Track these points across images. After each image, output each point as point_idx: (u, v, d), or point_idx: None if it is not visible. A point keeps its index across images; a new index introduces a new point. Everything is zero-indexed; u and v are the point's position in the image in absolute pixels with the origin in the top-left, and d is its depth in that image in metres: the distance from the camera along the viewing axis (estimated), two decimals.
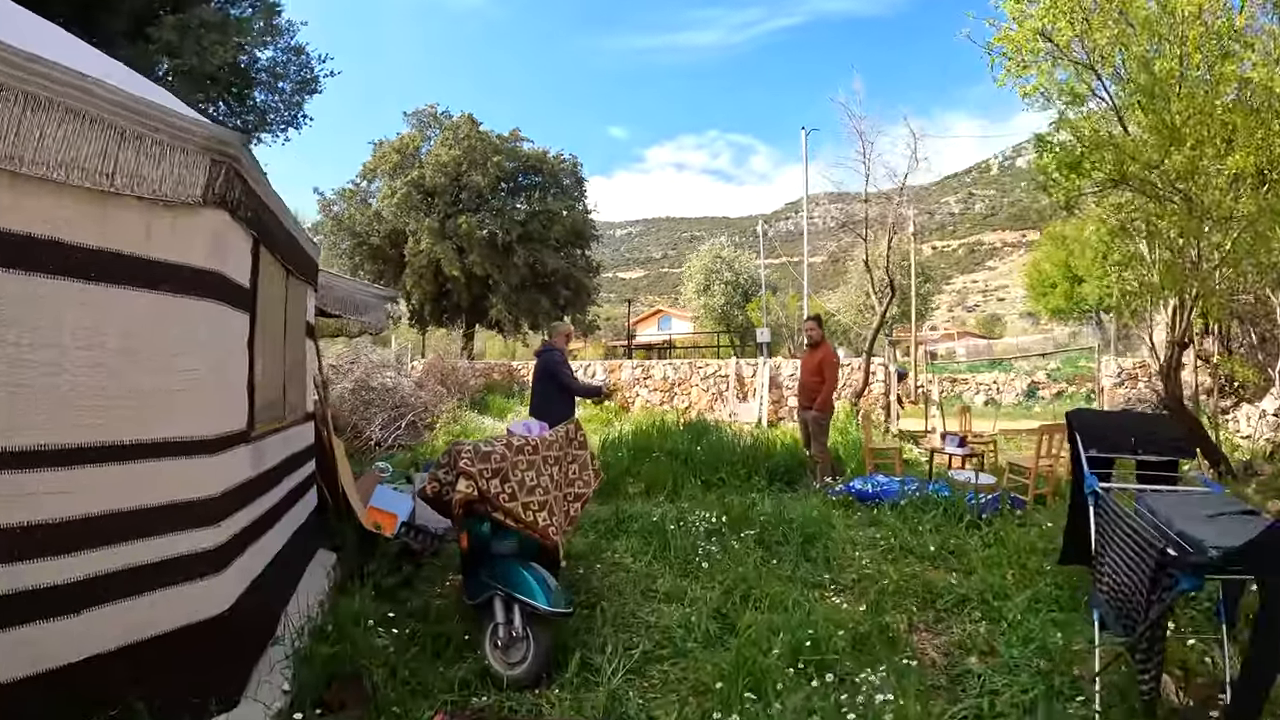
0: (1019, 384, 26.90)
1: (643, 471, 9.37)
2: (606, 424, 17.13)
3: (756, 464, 9.54)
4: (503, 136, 33.44)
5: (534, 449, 4.81)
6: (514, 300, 32.17)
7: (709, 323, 44.87)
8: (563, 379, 8.08)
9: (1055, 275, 53.64)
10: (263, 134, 15.82)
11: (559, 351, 8.31)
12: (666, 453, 9.73)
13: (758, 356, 26.15)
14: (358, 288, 8.62)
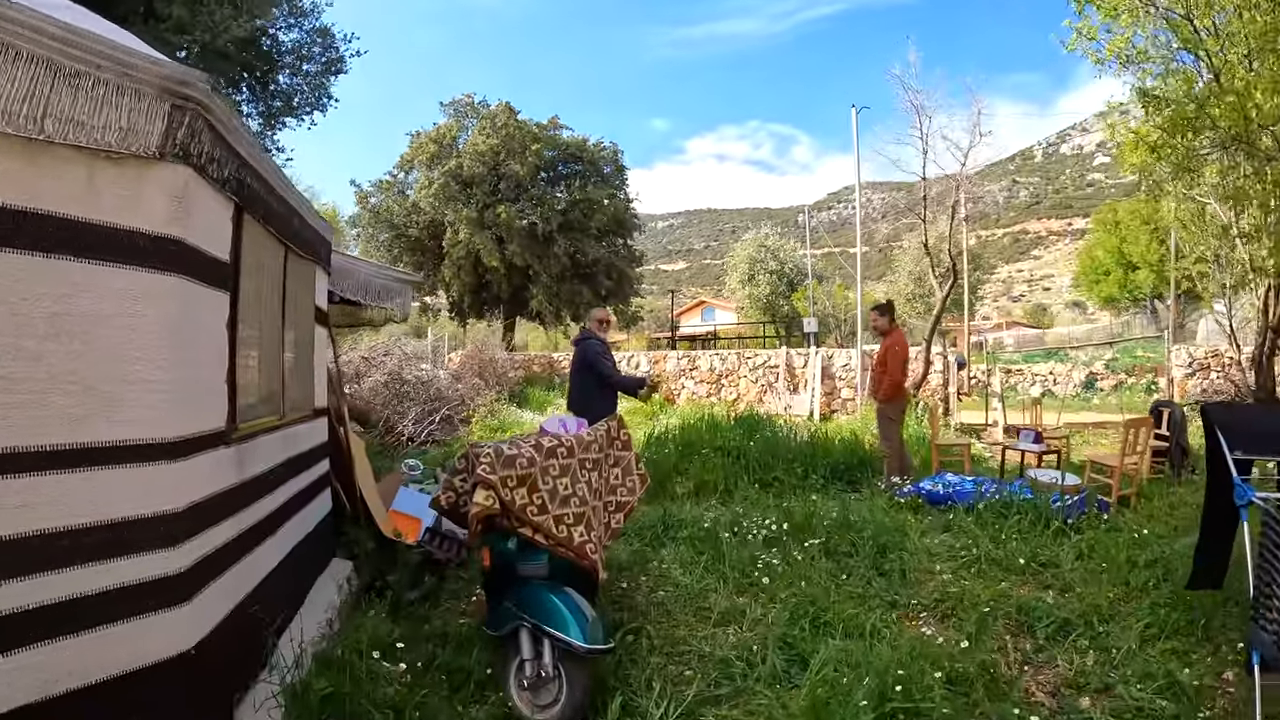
0: (1076, 375, 25.67)
1: (691, 470, 8.63)
2: (650, 417, 16.42)
3: (814, 462, 8.74)
4: (541, 125, 32.70)
5: (568, 451, 4.10)
6: (555, 291, 31.51)
7: (754, 313, 43.88)
8: (602, 370, 7.37)
9: (1108, 262, 51.99)
10: (288, 119, 15.34)
11: (598, 340, 7.59)
12: (716, 449, 8.96)
13: (805, 348, 25.29)
14: (379, 271, 7.96)
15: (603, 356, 7.43)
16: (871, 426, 12.91)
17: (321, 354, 6.22)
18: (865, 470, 8.89)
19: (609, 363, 7.44)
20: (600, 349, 7.47)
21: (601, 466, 4.41)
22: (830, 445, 9.30)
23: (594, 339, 7.59)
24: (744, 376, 17.53)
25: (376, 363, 14.76)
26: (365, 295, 7.84)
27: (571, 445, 4.10)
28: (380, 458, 11.93)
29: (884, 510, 7.10)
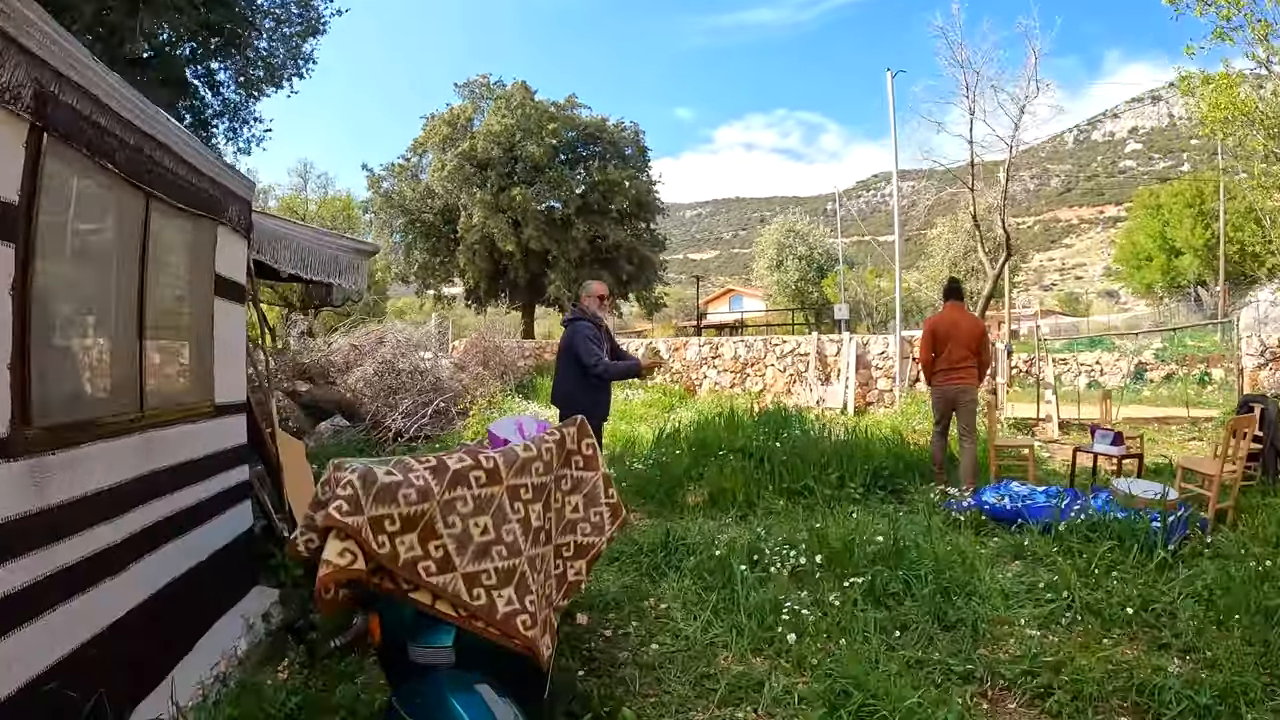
0: (1124, 365, 23.95)
1: (707, 476, 7.30)
2: (669, 409, 15.12)
3: (851, 466, 7.35)
4: (558, 104, 31.46)
5: (490, 475, 2.73)
6: (573, 276, 30.16)
7: (782, 300, 42.38)
8: (581, 357, 6.10)
9: (1150, 247, 50.06)
10: (269, 87, 14.16)
11: (586, 322, 6.29)
12: (737, 451, 7.64)
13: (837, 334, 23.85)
14: (323, 239, 6.71)
15: (589, 340, 6.11)
16: (914, 422, 11.55)
17: (234, 337, 5.00)
18: (912, 476, 7.51)
19: (594, 347, 6.10)
20: (589, 331, 6.16)
21: (548, 495, 3.04)
22: (870, 446, 7.90)
23: (585, 319, 6.32)
24: (771, 365, 16.15)
25: (367, 351, 13.55)
26: (306, 267, 6.61)
27: (496, 466, 2.75)
28: (358, 455, 10.78)
29: (940, 531, 5.75)
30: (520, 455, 2.86)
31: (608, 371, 6.07)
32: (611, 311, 35.30)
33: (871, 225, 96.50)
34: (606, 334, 6.53)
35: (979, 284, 36.34)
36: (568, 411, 6.21)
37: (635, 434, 10.63)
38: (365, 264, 7.08)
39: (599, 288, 6.51)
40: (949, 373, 7.66)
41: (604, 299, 6.48)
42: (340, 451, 10.86)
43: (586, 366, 6.04)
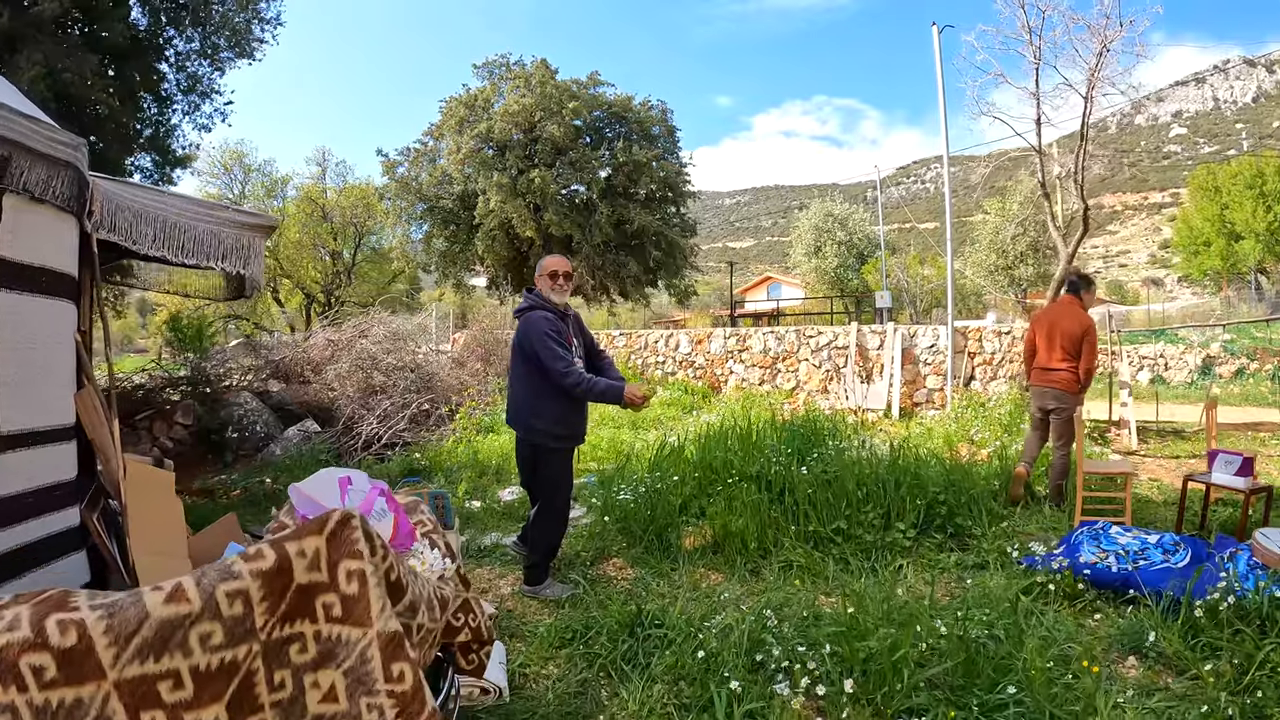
0: (1190, 359, 21.78)
1: (713, 509, 5.65)
2: (689, 410, 13.49)
3: (899, 497, 5.64)
4: (579, 82, 29.77)
5: (67, 662, 1.16)
6: (597, 263, 28.66)
7: (820, 287, 40.45)
8: (541, 359, 4.52)
9: (1209, 232, 47.57)
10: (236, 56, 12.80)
11: (543, 312, 4.67)
12: (752, 479, 5.98)
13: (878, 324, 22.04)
14: (201, 212, 5.15)
15: (549, 337, 4.53)
16: (970, 429, 9.82)
17: (48, 343, 3.53)
18: (976, 512, 5.80)
19: (557, 346, 4.52)
20: (548, 325, 4.58)
21: (249, 679, 1.43)
22: (922, 470, 6.18)
23: (541, 308, 4.71)
24: (805, 360, 14.41)
25: (345, 345, 12.08)
26: (177, 248, 5.07)
27: (85, 643, 1.12)
28: (310, 468, 9.29)
29: (1025, 608, 4.06)
30: (157, 611, 1.26)
31: (581, 386, 4.51)
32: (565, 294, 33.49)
33: (912, 212, 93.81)
34: (577, 326, 4.92)
35: (1027, 270, 34.31)
36: (529, 438, 4.82)
37: (640, 445, 9.02)
38: (260, 243, 5.51)
39: (553, 262, 4.86)
40: (1043, 373, 6.70)
41: (560, 277, 4.82)
42: (295, 465, 9.42)
43: (551, 375, 4.47)
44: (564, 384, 4.46)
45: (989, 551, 5.13)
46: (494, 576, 5.43)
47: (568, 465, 4.87)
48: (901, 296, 34.78)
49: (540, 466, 4.80)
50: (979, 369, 12.16)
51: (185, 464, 10.47)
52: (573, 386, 4.47)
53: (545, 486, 4.83)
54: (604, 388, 4.53)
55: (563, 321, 4.71)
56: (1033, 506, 6.30)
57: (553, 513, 4.85)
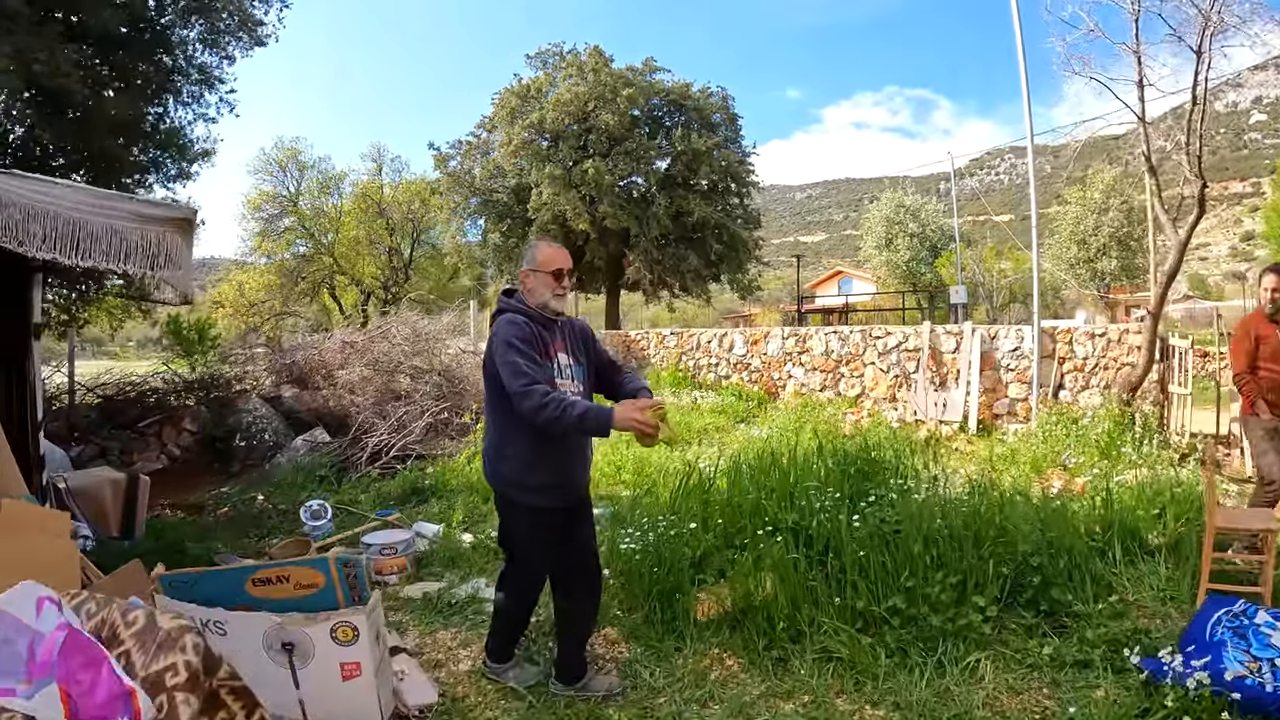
0: None
1: (735, 570, 4.36)
2: (740, 421, 12.22)
3: (978, 557, 4.22)
4: (634, 68, 28.46)
5: None
6: (655, 257, 27.36)
7: (892, 282, 38.57)
8: (500, 376, 3.25)
9: None
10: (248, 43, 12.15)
11: (514, 316, 3.39)
12: (789, 530, 4.63)
13: (952, 322, 20.35)
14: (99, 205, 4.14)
15: (515, 347, 3.24)
16: (1061, 451, 8.39)
17: None
18: (1079, 578, 4.36)
19: (520, 359, 3.21)
20: (512, 332, 3.29)
21: None
22: (1009, 517, 4.72)
23: (515, 309, 3.45)
24: (871, 364, 12.97)
25: (362, 347, 11.11)
26: (70, 248, 4.09)
27: None
28: (315, 487, 8.35)
29: None
30: None
31: (546, 411, 3.08)
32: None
33: (986, 204, 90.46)
34: (575, 337, 3.64)
35: (1110, 263, 32.07)
36: (495, 487, 3.60)
37: (673, 467, 7.80)
38: (176, 239, 4.47)
39: (557, 256, 3.51)
40: None
41: (565, 276, 3.49)
42: (291, 481, 8.47)
43: (512, 399, 3.18)
44: (521, 408, 3.13)
45: (1095, 643, 3.79)
46: (456, 644, 4.34)
47: (543, 532, 3.51)
48: (977, 292, 32.93)
49: (508, 521, 3.62)
50: (1069, 376, 10.62)
51: (190, 473, 9.82)
52: (533, 411, 3.08)
53: (514, 544, 3.66)
54: (581, 413, 3.06)
55: (546, 330, 3.42)
56: (1146, 563, 4.87)
57: (519, 580, 3.71)
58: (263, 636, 3.11)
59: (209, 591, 3.23)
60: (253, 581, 3.22)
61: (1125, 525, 5.10)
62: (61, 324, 11.93)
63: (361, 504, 7.69)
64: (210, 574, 3.44)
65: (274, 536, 6.90)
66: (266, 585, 3.20)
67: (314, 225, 32.41)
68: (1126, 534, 5.02)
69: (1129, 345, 10.20)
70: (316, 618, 3.11)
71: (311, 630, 3.09)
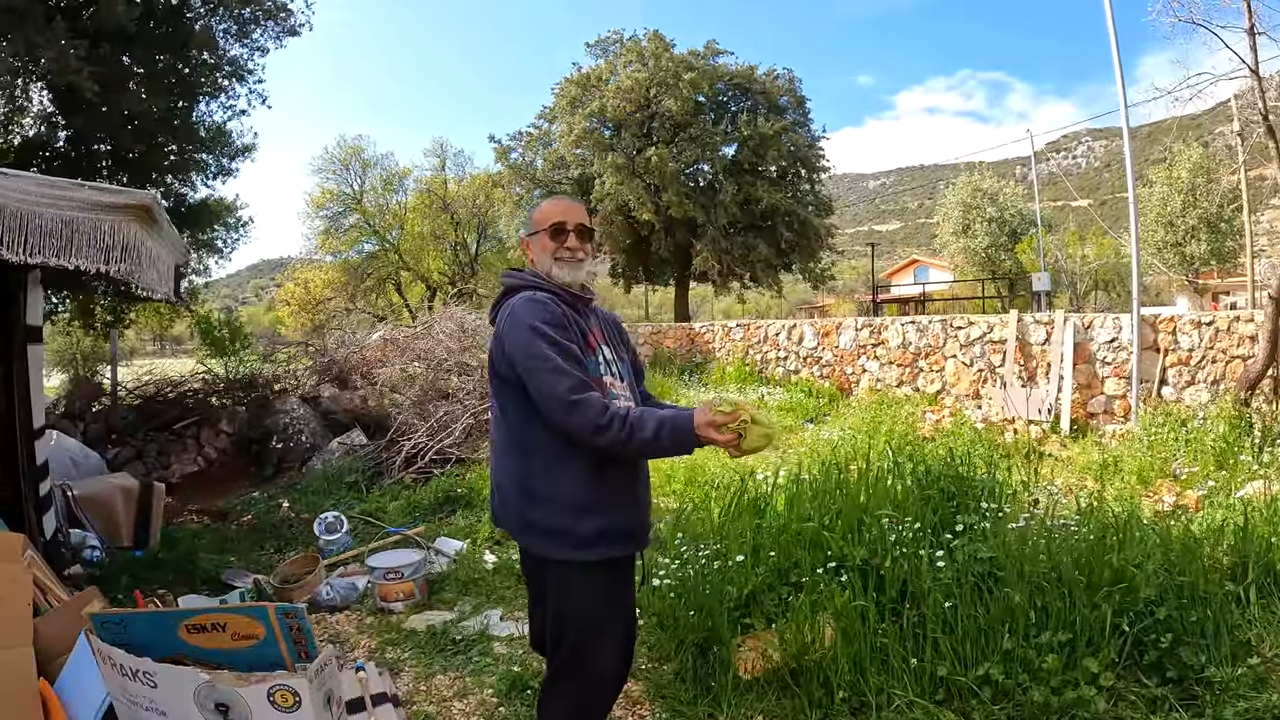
0: None
1: (787, 616, 3.52)
2: (810, 418, 11.36)
3: (1091, 604, 3.32)
4: (696, 52, 27.62)
5: None
6: (723, 246, 26.45)
7: (970, 269, 36.94)
8: (531, 382, 2.23)
9: None
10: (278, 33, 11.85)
11: (534, 294, 2.40)
12: (858, 567, 3.71)
13: (1035, 310, 19.15)
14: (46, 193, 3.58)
15: (539, 338, 2.24)
16: (1174, 464, 7.32)
17: None
18: (1212, 631, 3.39)
19: (553, 356, 2.21)
20: (538, 316, 2.29)
21: None
22: (1127, 554, 3.71)
23: (534, 286, 2.47)
24: (952, 356, 11.93)
25: (401, 345, 10.57)
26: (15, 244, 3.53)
27: None
28: (344, 494, 7.80)
29: None
30: None
31: (615, 426, 2.18)
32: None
33: (1061, 191, 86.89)
34: (614, 325, 2.76)
35: (1199, 246, 30.06)
36: (529, 544, 2.46)
37: (728, 478, 6.97)
38: (133, 229, 3.89)
39: (554, 209, 2.59)
40: None
41: (568, 234, 2.51)
42: (318, 488, 7.95)
43: (551, 410, 2.23)
44: (571, 425, 2.20)
45: None
46: (452, 693, 3.68)
47: (613, 593, 2.45)
48: (1059, 278, 31.28)
49: (555, 596, 2.43)
50: (1171, 371, 9.44)
51: (226, 476, 9.51)
52: (591, 429, 2.17)
53: (565, 631, 2.42)
54: (656, 427, 2.16)
55: (579, 313, 2.49)
56: None
57: (587, 690, 2.47)
58: (194, 694, 2.58)
59: (140, 635, 2.72)
60: (187, 628, 2.68)
61: (1262, 559, 4.07)
62: (107, 325, 11.68)
63: (389, 514, 7.09)
64: (141, 616, 2.89)
65: (292, 549, 6.42)
66: (201, 633, 2.66)
67: (378, 222, 32.43)
68: (1262, 571, 4.00)
69: (1240, 335, 8.98)
70: (250, 678, 2.54)
71: (246, 692, 2.53)
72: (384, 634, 4.48)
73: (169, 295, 4.74)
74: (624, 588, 2.50)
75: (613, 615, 2.42)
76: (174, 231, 4.58)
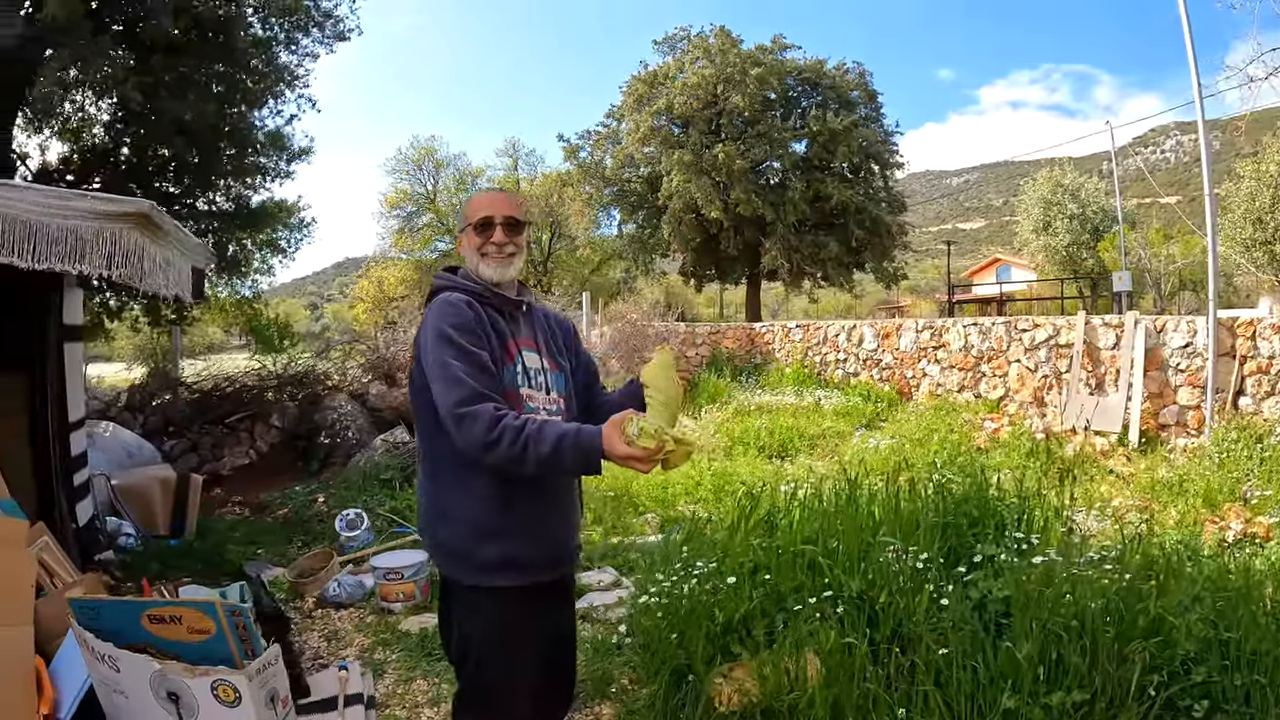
0: None
1: (773, 648, 3.23)
2: (865, 423, 11.02)
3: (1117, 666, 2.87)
4: (763, 47, 27.28)
5: None
6: (793, 244, 26.03)
7: (1051, 268, 35.62)
8: (432, 387, 2.03)
9: None
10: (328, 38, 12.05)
11: (451, 294, 2.17)
12: (855, 599, 3.34)
13: (1116, 312, 18.29)
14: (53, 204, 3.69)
15: (446, 342, 2.01)
16: (1245, 486, 6.80)
17: None
18: (1259, 698, 2.85)
19: (452, 363, 1.98)
20: (450, 319, 2.06)
21: None
22: (1167, 600, 3.26)
23: (452, 287, 2.23)
24: (1016, 361, 11.38)
25: None
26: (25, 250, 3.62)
27: None
28: (376, 491, 7.84)
29: None
30: None
31: (506, 440, 1.89)
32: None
33: (1150, 185, 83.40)
34: (560, 330, 2.50)
35: None
36: (436, 560, 2.32)
37: (757, 483, 6.72)
38: (133, 236, 3.98)
39: (481, 203, 2.32)
40: None
41: (495, 227, 2.24)
42: (352, 484, 8.02)
43: (447, 426, 1.98)
44: (462, 439, 1.94)
45: None
46: (425, 699, 3.69)
47: (522, 626, 2.18)
48: (1143, 278, 29.91)
49: (461, 618, 2.25)
50: (1250, 380, 8.77)
51: (274, 470, 9.72)
52: (479, 444, 1.91)
53: (468, 654, 2.23)
54: (554, 442, 1.87)
55: (505, 316, 2.25)
56: None
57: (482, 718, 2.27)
58: (149, 680, 2.78)
59: (109, 622, 2.90)
60: (148, 617, 2.84)
61: None
62: (170, 322, 12.05)
63: (414, 513, 7.09)
64: (111, 604, 3.08)
65: (319, 543, 6.47)
66: (161, 624, 2.82)
67: (452, 222, 32.89)
68: None
69: None
70: (196, 670, 2.71)
71: (193, 683, 2.71)
72: (379, 634, 4.47)
73: (184, 296, 4.77)
74: (541, 620, 2.22)
75: (523, 654, 2.17)
76: (187, 236, 4.65)
